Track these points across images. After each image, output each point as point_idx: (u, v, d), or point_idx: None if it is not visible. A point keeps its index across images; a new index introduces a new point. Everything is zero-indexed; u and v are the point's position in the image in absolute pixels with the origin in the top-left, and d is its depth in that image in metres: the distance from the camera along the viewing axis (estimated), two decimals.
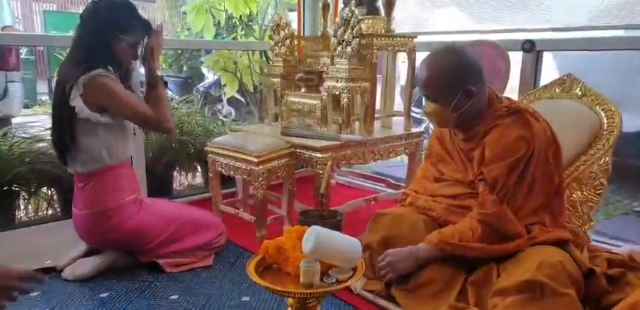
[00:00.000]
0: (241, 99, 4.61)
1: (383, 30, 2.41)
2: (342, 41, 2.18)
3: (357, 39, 2.12)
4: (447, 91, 1.60)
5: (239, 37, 4.01)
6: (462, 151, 1.73)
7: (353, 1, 2.18)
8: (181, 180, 3.24)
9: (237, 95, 4.20)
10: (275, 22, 2.55)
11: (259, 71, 3.43)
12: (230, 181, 2.69)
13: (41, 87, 7.90)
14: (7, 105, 3.91)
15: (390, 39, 2.32)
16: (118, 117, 1.83)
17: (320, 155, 2.13)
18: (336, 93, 2.23)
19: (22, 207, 2.50)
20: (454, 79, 1.58)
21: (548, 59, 2.70)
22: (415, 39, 2.43)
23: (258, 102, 3.69)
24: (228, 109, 5.34)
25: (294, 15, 3.19)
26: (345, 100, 2.20)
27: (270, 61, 2.78)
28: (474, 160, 1.66)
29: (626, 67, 3.25)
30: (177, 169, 3.05)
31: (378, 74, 2.34)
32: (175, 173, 3.06)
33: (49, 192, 2.55)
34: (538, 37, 2.33)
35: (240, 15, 3.63)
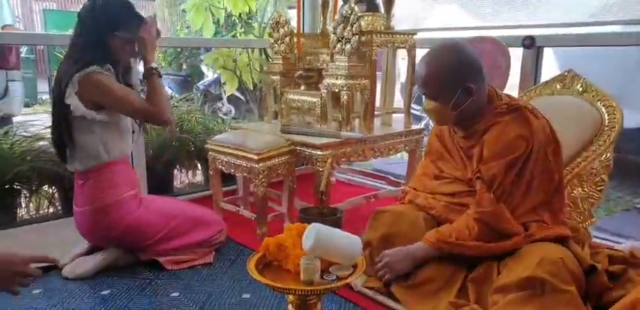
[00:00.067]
0: (241, 97, 4.61)
1: (382, 27, 2.41)
2: (342, 38, 2.17)
3: (356, 36, 2.11)
4: (446, 89, 1.59)
5: (238, 34, 4.00)
6: (462, 149, 1.73)
7: None
8: (182, 178, 3.25)
9: (237, 93, 4.20)
10: (274, 19, 2.54)
11: (259, 69, 3.42)
12: (230, 179, 2.69)
13: (42, 86, 7.92)
14: (8, 104, 3.91)
15: (390, 36, 2.31)
16: (114, 113, 1.83)
17: (320, 152, 2.13)
18: (336, 90, 2.23)
19: (24, 205, 2.50)
20: (453, 77, 1.57)
21: (548, 56, 2.69)
22: (415, 36, 2.42)
23: (257, 100, 3.68)
24: (228, 107, 5.34)
25: (293, 12, 3.19)
26: (345, 97, 2.20)
27: (270, 59, 2.77)
28: (473, 158, 1.66)
29: (626, 62, 3.24)
30: (178, 167, 3.05)
31: (377, 71, 2.34)
32: (176, 171, 3.06)
33: (50, 191, 2.55)
34: (538, 33, 2.32)
35: (240, 13, 3.62)
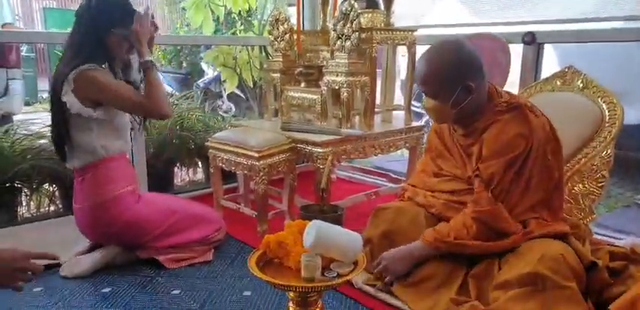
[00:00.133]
0: (241, 94, 4.61)
1: (382, 24, 2.40)
2: (342, 35, 2.17)
3: (356, 33, 2.11)
4: (445, 87, 1.58)
5: (238, 32, 3.99)
6: (461, 147, 1.72)
7: None
8: (182, 176, 3.24)
9: (237, 91, 4.19)
10: (274, 16, 2.54)
11: (259, 66, 3.42)
12: (231, 176, 2.69)
13: (42, 84, 7.91)
14: (9, 103, 3.90)
15: (390, 32, 2.31)
16: (111, 110, 1.83)
17: (320, 150, 2.12)
18: (336, 87, 2.23)
19: (24, 203, 2.50)
20: (453, 76, 1.56)
21: (549, 53, 2.68)
22: (415, 32, 2.42)
23: (258, 98, 3.68)
24: (228, 105, 5.33)
25: (293, 10, 3.17)
26: (345, 95, 2.20)
27: (270, 56, 2.77)
28: (472, 156, 1.65)
29: (628, 59, 3.23)
30: (178, 165, 3.05)
31: (377, 69, 2.33)
32: (176, 169, 3.06)
33: (50, 189, 2.55)
34: (539, 29, 2.31)
35: (240, 10, 3.61)
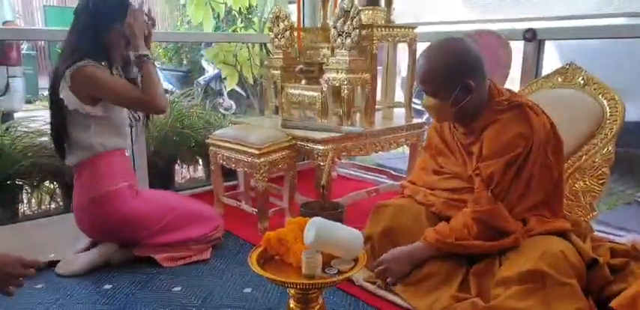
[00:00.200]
0: (242, 92, 4.60)
1: (383, 21, 2.40)
2: (342, 32, 2.16)
3: (357, 30, 2.10)
4: (445, 86, 1.58)
5: (239, 29, 3.98)
6: (462, 145, 1.72)
7: None
8: (183, 174, 3.25)
9: (238, 88, 4.19)
10: (274, 14, 2.53)
11: (259, 64, 3.42)
12: (232, 174, 2.69)
13: (43, 82, 7.90)
14: (9, 101, 3.90)
15: (391, 30, 2.30)
16: (109, 106, 1.82)
17: (321, 147, 2.12)
18: (337, 84, 2.22)
19: (25, 200, 2.50)
20: (452, 74, 1.56)
21: (551, 50, 2.67)
22: (415, 29, 2.41)
23: (258, 95, 3.68)
24: (228, 102, 5.33)
25: (293, 7, 3.17)
26: (346, 92, 2.19)
27: (270, 54, 2.76)
28: (473, 155, 1.65)
29: (631, 56, 3.22)
30: (179, 162, 3.05)
31: (378, 66, 2.33)
32: (177, 166, 3.06)
33: (51, 186, 2.55)
34: (540, 26, 2.30)
35: (240, 7, 3.61)
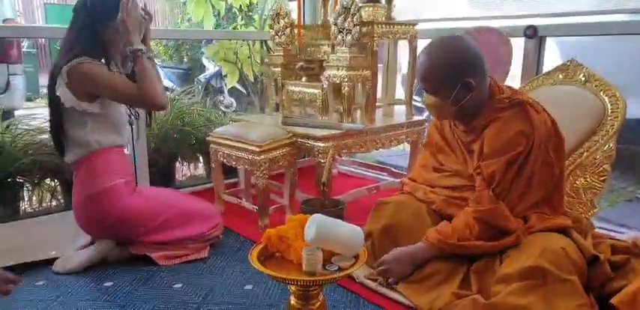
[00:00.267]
0: (242, 89, 4.60)
1: (384, 18, 2.39)
2: (343, 29, 2.16)
3: (357, 27, 2.10)
4: (445, 85, 1.57)
5: (239, 26, 3.98)
6: (463, 143, 1.71)
7: None
8: (184, 171, 3.25)
9: (238, 85, 4.19)
10: (275, 11, 2.53)
11: (260, 61, 3.41)
12: (232, 171, 2.69)
13: (43, 79, 7.91)
14: (10, 98, 3.91)
15: (391, 26, 2.30)
16: (107, 104, 1.82)
17: (321, 144, 2.12)
18: (337, 81, 2.22)
19: (26, 198, 2.50)
20: (453, 73, 1.55)
21: (552, 47, 2.66)
22: (416, 26, 2.41)
23: (259, 93, 3.68)
24: (229, 100, 5.33)
25: (294, 4, 3.16)
26: (347, 89, 2.19)
27: (271, 51, 2.76)
28: (474, 153, 1.64)
29: (633, 53, 3.21)
30: (180, 160, 3.05)
31: (379, 63, 2.32)
32: (178, 164, 3.06)
33: (52, 183, 2.55)
34: (541, 23, 2.30)
35: (240, 5, 3.61)
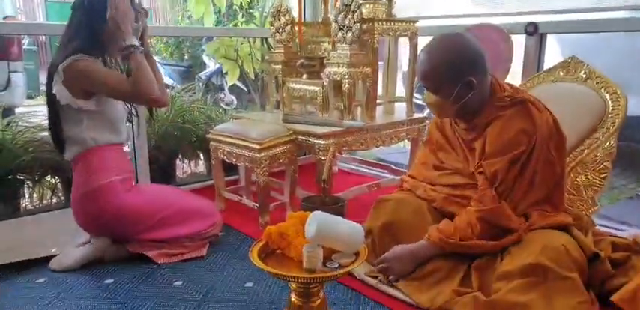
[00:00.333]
0: (243, 86, 4.60)
1: (384, 15, 2.39)
2: (343, 26, 2.15)
3: (358, 24, 2.09)
4: (447, 83, 1.57)
5: (240, 24, 3.98)
6: (464, 141, 1.71)
7: None
8: (184, 169, 3.25)
9: (239, 83, 4.19)
10: (275, 8, 2.52)
11: (260, 58, 3.41)
12: (233, 168, 2.69)
13: (44, 77, 7.89)
14: (11, 96, 3.92)
15: (392, 24, 2.29)
16: (103, 101, 1.81)
17: (322, 141, 2.12)
18: (338, 79, 2.22)
19: (27, 195, 2.50)
20: (454, 72, 1.54)
21: (553, 45, 2.65)
22: (417, 23, 2.40)
23: (259, 90, 3.68)
24: (230, 98, 5.32)
25: (294, 1, 3.16)
26: (347, 86, 2.19)
27: (271, 48, 2.76)
28: (475, 151, 1.64)
29: (634, 50, 3.20)
30: (180, 157, 3.05)
31: (379, 60, 2.32)
32: (178, 161, 3.06)
33: (53, 181, 2.56)
34: (542, 20, 2.29)
35: (241, 2, 3.61)
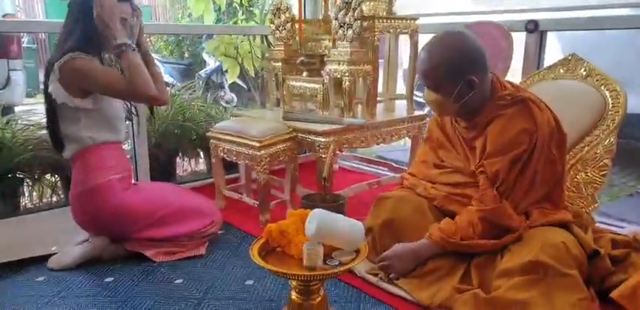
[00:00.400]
0: (243, 84, 4.59)
1: (385, 12, 2.38)
2: (344, 24, 2.15)
3: (358, 21, 2.09)
4: (447, 82, 1.56)
5: (240, 21, 3.97)
6: (464, 140, 1.71)
7: None
8: (185, 167, 3.25)
9: (239, 81, 4.18)
10: (276, 6, 2.51)
11: (260, 56, 3.40)
12: (233, 166, 2.69)
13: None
14: (10, 94, 3.91)
15: (392, 21, 2.29)
16: (99, 99, 1.81)
17: (322, 139, 2.12)
18: (338, 76, 2.21)
19: (27, 193, 2.50)
20: (455, 70, 1.54)
21: (553, 42, 2.65)
22: (417, 21, 2.40)
23: (259, 88, 3.67)
24: (230, 95, 5.31)
25: None
26: (347, 83, 2.18)
27: (271, 46, 2.75)
28: (475, 150, 1.64)
29: (635, 47, 3.20)
30: (180, 155, 3.05)
31: (380, 58, 2.32)
32: (178, 159, 3.06)
33: (52, 179, 2.56)
34: (543, 17, 2.29)
35: None
